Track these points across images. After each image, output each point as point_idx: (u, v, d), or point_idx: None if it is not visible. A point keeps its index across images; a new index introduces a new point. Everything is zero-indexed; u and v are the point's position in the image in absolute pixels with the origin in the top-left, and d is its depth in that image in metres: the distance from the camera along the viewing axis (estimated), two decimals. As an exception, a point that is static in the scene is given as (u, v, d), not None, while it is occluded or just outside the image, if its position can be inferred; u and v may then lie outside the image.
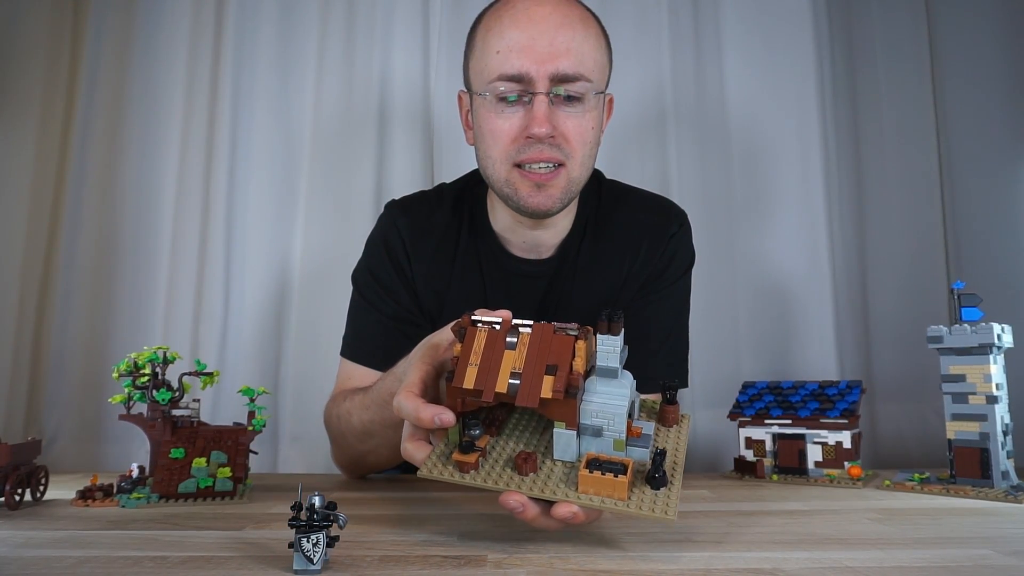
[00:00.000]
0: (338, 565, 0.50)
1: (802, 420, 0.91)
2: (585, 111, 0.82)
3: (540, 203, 0.83)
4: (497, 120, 0.82)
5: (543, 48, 0.78)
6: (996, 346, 0.79)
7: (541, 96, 0.78)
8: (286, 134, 1.46)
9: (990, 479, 0.78)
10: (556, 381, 0.51)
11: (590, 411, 0.53)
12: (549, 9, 0.80)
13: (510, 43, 0.79)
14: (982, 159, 1.41)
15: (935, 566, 0.50)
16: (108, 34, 1.45)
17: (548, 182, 0.82)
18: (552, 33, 0.78)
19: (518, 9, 0.80)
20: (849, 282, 1.45)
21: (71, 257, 1.39)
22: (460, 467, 0.53)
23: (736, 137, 1.46)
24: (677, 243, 0.96)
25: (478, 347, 0.55)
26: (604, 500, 0.50)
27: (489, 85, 0.81)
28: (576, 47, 0.79)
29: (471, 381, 0.53)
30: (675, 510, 0.50)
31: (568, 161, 0.82)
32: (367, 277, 0.97)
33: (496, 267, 0.94)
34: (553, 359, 0.53)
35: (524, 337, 0.55)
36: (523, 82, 0.79)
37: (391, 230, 0.96)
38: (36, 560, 0.53)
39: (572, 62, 0.79)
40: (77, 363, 1.37)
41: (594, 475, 0.50)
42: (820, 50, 1.45)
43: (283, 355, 1.42)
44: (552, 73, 0.78)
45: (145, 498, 0.75)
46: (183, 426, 0.82)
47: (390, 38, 1.47)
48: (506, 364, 0.53)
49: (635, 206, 0.98)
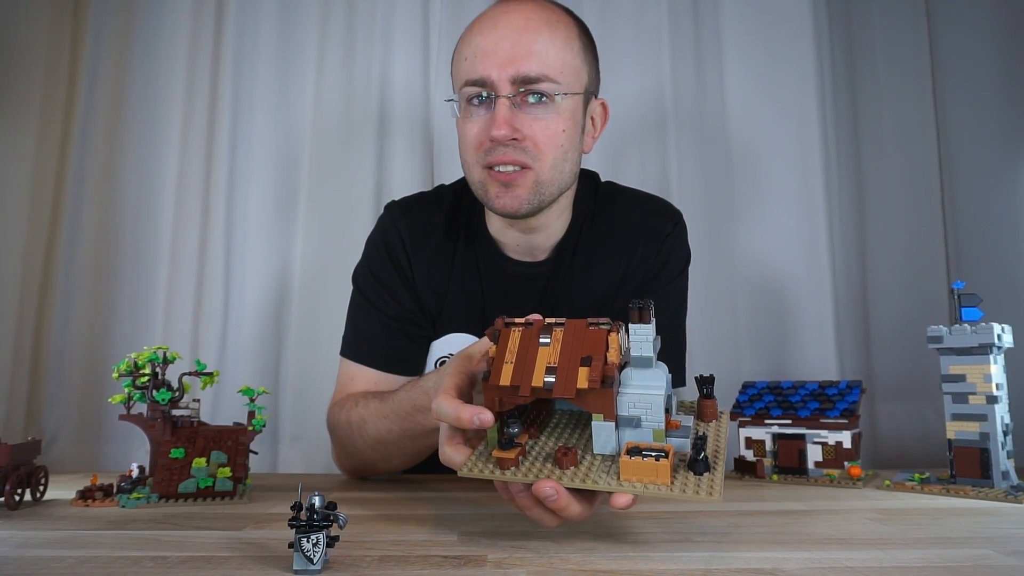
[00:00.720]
0: (338, 565, 0.50)
1: (802, 420, 0.91)
2: (553, 113, 0.82)
3: (507, 204, 0.84)
4: (466, 124, 0.84)
5: (504, 52, 0.80)
6: (996, 346, 0.79)
7: (502, 99, 0.80)
8: (286, 134, 1.46)
9: (990, 479, 0.78)
10: (591, 371, 0.52)
11: (627, 402, 0.53)
12: (516, 15, 0.82)
13: (475, 49, 0.82)
14: (982, 159, 1.41)
15: (935, 566, 0.50)
16: (108, 34, 1.45)
17: (514, 182, 0.83)
18: (514, 37, 0.80)
19: (486, 17, 0.84)
20: (849, 282, 1.45)
21: (71, 257, 1.39)
22: (500, 464, 0.53)
23: (736, 137, 1.46)
24: (673, 242, 0.96)
25: (512, 346, 0.56)
26: (647, 486, 0.49)
27: (460, 91, 0.84)
28: (540, 49, 0.80)
29: (507, 378, 0.54)
30: (720, 492, 0.49)
31: (535, 164, 0.82)
32: (367, 276, 0.97)
33: (493, 269, 0.95)
34: (587, 351, 0.53)
35: (557, 334, 0.55)
36: (486, 86, 0.81)
37: (391, 231, 0.96)
38: (36, 560, 0.53)
39: (534, 64, 0.80)
40: (77, 363, 1.37)
41: (635, 460, 0.50)
42: (820, 50, 1.45)
43: (283, 355, 1.42)
44: (512, 76, 0.80)
45: (145, 498, 0.75)
46: (183, 426, 0.82)
47: (390, 40, 1.47)
48: (541, 360, 0.54)
49: (630, 207, 0.98)
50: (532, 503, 0.54)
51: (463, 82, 0.83)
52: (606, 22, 1.48)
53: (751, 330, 1.42)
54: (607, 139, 1.45)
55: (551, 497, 0.51)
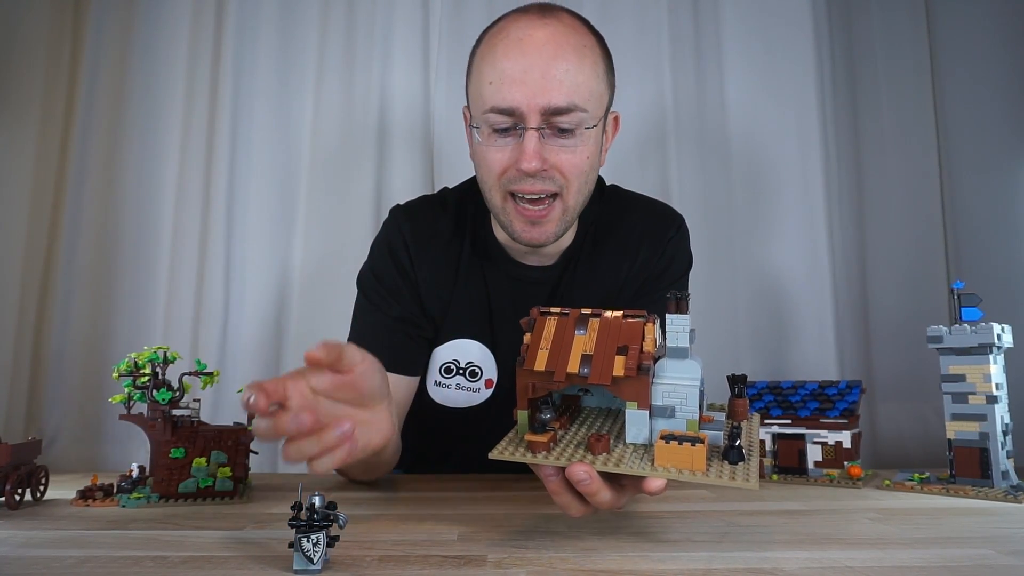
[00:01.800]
0: (338, 565, 0.50)
1: (802, 420, 0.91)
2: (579, 144, 0.80)
3: (535, 237, 0.84)
4: (490, 150, 0.81)
5: (535, 81, 0.76)
6: (996, 346, 0.79)
7: (531, 132, 0.77)
8: (286, 135, 1.46)
9: (990, 479, 0.78)
10: (627, 360, 0.52)
11: (661, 391, 0.53)
12: (544, 38, 0.78)
13: (502, 74, 0.78)
14: (982, 159, 1.41)
15: (935, 566, 0.50)
16: (108, 34, 1.45)
17: (543, 218, 0.82)
18: (544, 66, 0.76)
19: (511, 38, 0.79)
20: (849, 282, 1.45)
21: (71, 257, 1.39)
22: (532, 447, 0.53)
23: (736, 137, 1.46)
24: (675, 246, 0.97)
25: (548, 333, 0.57)
26: (682, 472, 0.49)
27: (483, 116, 0.80)
28: (570, 79, 0.77)
29: (542, 363, 0.55)
30: (756, 480, 0.49)
31: (563, 192, 0.82)
32: (371, 279, 0.97)
33: (500, 274, 0.95)
34: (624, 341, 0.54)
35: (593, 324, 0.56)
36: (514, 115, 0.78)
37: (395, 235, 0.96)
38: (36, 560, 0.53)
39: (564, 94, 0.77)
40: (77, 363, 1.37)
41: (671, 445, 0.50)
42: (820, 50, 1.45)
43: (283, 355, 1.42)
44: (543, 107, 0.77)
45: (145, 498, 0.75)
46: (183, 426, 0.82)
47: (390, 45, 1.47)
48: (576, 348, 0.55)
49: (635, 211, 0.98)
50: (562, 488, 0.54)
51: (488, 108, 0.79)
52: (605, 23, 1.47)
53: (751, 330, 1.42)
54: (607, 139, 1.45)
55: (584, 481, 0.51)
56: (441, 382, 0.95)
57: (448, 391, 0.95)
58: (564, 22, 0.80)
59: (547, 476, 0.54)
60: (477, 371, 0.94)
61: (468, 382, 0.94)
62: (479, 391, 0.94)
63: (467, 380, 0.94)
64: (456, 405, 0.95)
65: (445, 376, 0.95)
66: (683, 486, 0.86)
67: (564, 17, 0.81)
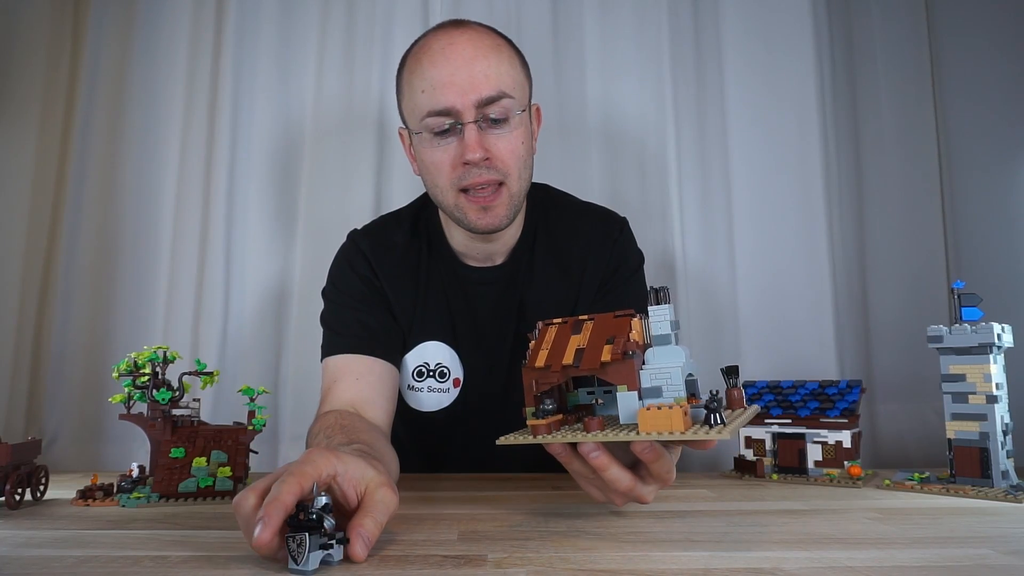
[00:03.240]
0: (338, 564, 0.50)
1: (802, 420, 0.91)
2: (512, 129, 0.88)
3: (488, 223, 0.90)
4: (435, 152, 0.88)
5: (463, 80, 0.84)
6: (996, 346, 0.79)
7: (470, 125, 0.85)
8: (286, 134, 1.46)
9: (990, 479, 0.78)
10: (614, 347, 0.58)
11: (649, 374, 0.58)
12: (462, 44, 0.86)
13: (432, 81, 0.85)
14: (982, 159, 1.41)
15: (935, 566, 0.50)
16: (108, 34, 1.45)
17: (492, 203, 0.89)
18: (469, 65, 0.84)
19: (434, 50, 0.86)
20: (849, 282, 1.45)
21: (71, 257, 1.39)
22: (533, 431, 0.59)
23: (736, 137, 1.46)
24: (623, 247, 1.03)
25: (549, 338, 0.64)
26: (661, 434, 0.53)
27: (422, 122, 0.87)
28: (493, 71, 0.85)
29: (542, 361, 0.62)
30: (732, 432, 0.53)
31: (506, 179, 0.88)
32: (335, 292, 1.01)
33: (455, 279, 1.00)
34: (612, 333, 0.60)
35: (588, 325, 0.63)
36: (451, 114, 0.85)
37: (355, 253, 1.01)
38: (36, 560, 0.53)
39: (491, 85, 0.85)
40: (77, 363, 1.37)
41: (651, 411, 0.54)
42: (820, 50, 1.45)
43: (283, 355, 1.42)
44: (476, 100, 0.84)
45: (145, 498, 0.76)
46: (183, 426, 0.82)
47: (390, 47, 1.46)
48: (572, 344, 0.62)
49: (578, 217, 1.04)
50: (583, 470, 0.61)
51: (425, 113, 0.86)
52: (605, 21, 1.48)
53: (751, 330, 1.42)
54: (607, 137, 1.45)
55: (593, 453, 0.57)
56: (414, 386, 0.99)
57: (421, 394, 0.99)
58: (478, 30, 0.89)
59: (557, 455, 0.60)
60: (446, 371, 0.99)
61: (438, 383, 0.99)
62: (448, 391, 0.99)
63: (437, 381, 0.99)
64: (428, 408, 0.99)
65: (417, 380, 0.99)
66: (684, 486, 0.86)
67: (476, 26, 0.90)
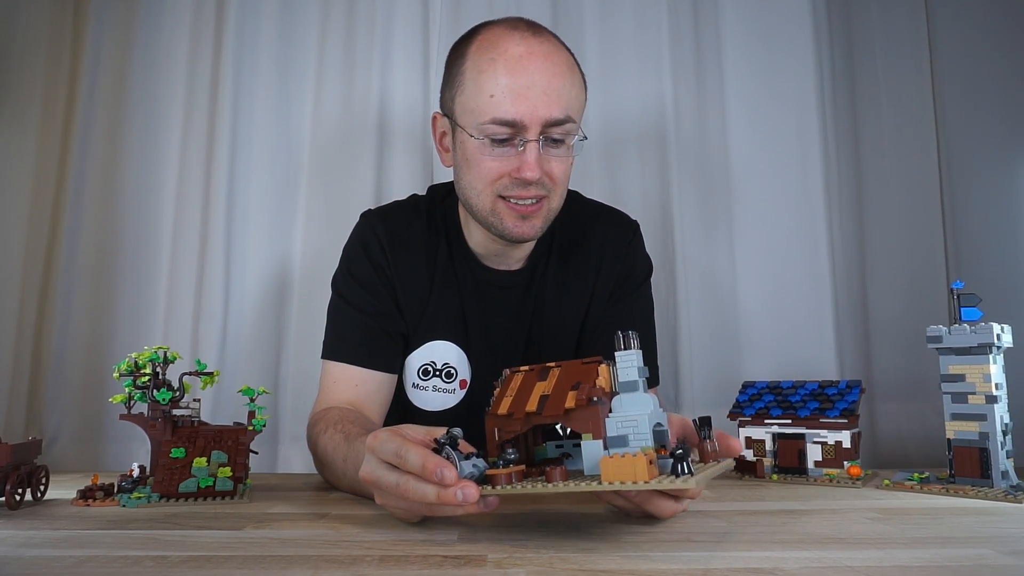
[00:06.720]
0: (338, 565, 0.50)
1: (802, 420, 0.91)
2: (568, 154, 0.88)
3: (524, 232, 0.89)
4: (487, 159, 0.86)
5: (537, 96, 0.82)
6: (996, 346, 0.79)
7: (532, 143, 0.83)
8: (286, 134, 1.46)
9: (989, 479, 0.78)
10: (578, 393, 0.56)
11: (615, 423, 0.55)
12: (541, 57, 0.84)
13: (504, 89, 0.82)
14: (982, 159, 1.41)
15: (935, 566, 0.50)
16: (108, 34, 1.45)
17: (533, 213, 0.88)
18: (545, 82, 0.83)
19: (511, 55, 0.83)
20: (849, 282, 1.45)
21: (72, 257, 1.39)
22: (492, 481, 0.56)
23: (736, 137, 1.46)
24: (635, 252, 1.03)
25: (514, 385, 0.63)
26: (625, 484, 0.51)
27: (481, 126, 0.84)
28: (566, 93, 0.84)
29: (505, 408, 0.61)
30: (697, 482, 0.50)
31: (550, 195, 0.88)
32: (348, 279, 0.99)
33: (471, 279, 0.99)
34: (577, 379, 0.58)
35: (555, 372, 0.61)
36: (515, 127, 0.83)
37: (370, 235, 0.98)
38: (36, 560, 0.53)
39: (562, 107, 0.83)
40: (78, 363, 1.37)
41: (613, 459, 0.51)
42: (820, 50, 1.45)
43: (283, 355, 1.42)
44: (544, 120, 0.83)
45: (146, 498, 0.76)
46: (183, 426, 0.82)
47: (390, 44, 1.46)
48: (536, 391, 0.60)
49: (595, 220, 1.04)
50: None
51: (489, 119, 0.83)
52: (605, 22, 1.48)
53: (751, 330, 1.42)
54: (606, 145, 1.45)
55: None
56: (419, 384, 0.98)
57: (425, 393, 0.98)
58: (553, 43, 0.87)
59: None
60: (452, 372, 0.98)
61: (444, 383, 0.98)
62: (454, 392, 0.98)
63: (443, 381, 0.98)
64: (433, 408, 0.98)
65: (423, 378, 0.98)
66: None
67: (551, 37, 0.87)
